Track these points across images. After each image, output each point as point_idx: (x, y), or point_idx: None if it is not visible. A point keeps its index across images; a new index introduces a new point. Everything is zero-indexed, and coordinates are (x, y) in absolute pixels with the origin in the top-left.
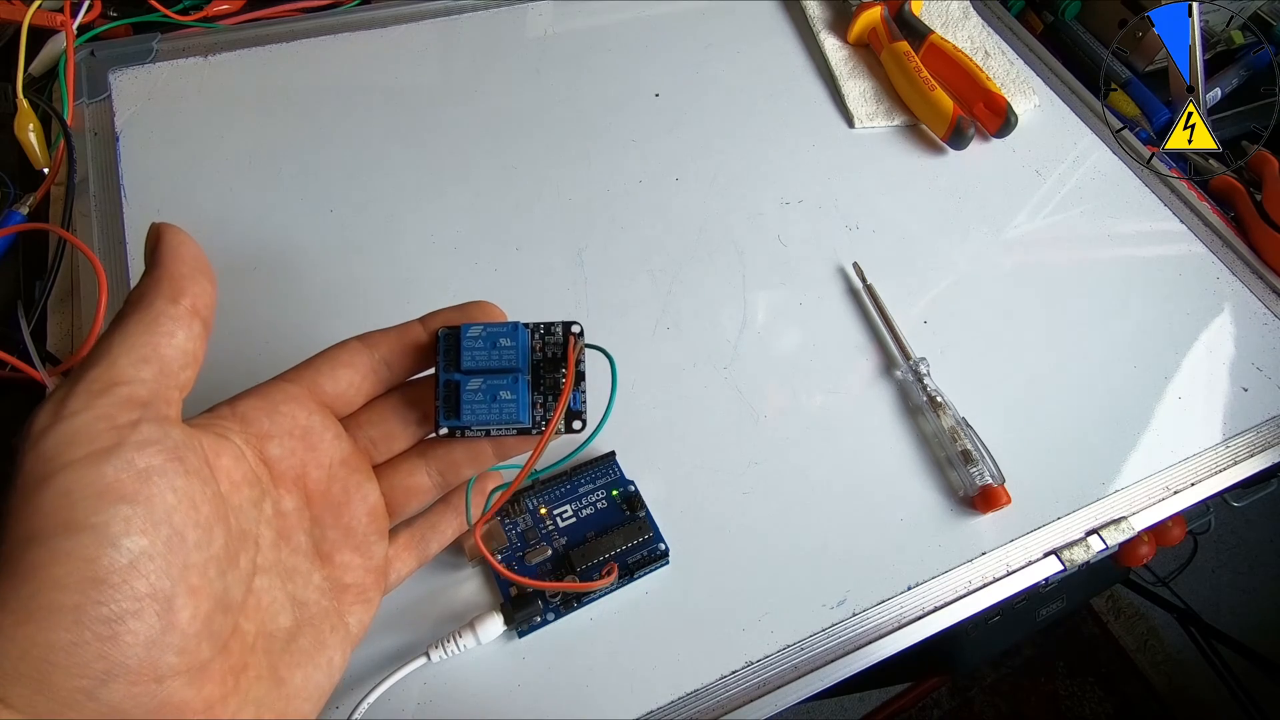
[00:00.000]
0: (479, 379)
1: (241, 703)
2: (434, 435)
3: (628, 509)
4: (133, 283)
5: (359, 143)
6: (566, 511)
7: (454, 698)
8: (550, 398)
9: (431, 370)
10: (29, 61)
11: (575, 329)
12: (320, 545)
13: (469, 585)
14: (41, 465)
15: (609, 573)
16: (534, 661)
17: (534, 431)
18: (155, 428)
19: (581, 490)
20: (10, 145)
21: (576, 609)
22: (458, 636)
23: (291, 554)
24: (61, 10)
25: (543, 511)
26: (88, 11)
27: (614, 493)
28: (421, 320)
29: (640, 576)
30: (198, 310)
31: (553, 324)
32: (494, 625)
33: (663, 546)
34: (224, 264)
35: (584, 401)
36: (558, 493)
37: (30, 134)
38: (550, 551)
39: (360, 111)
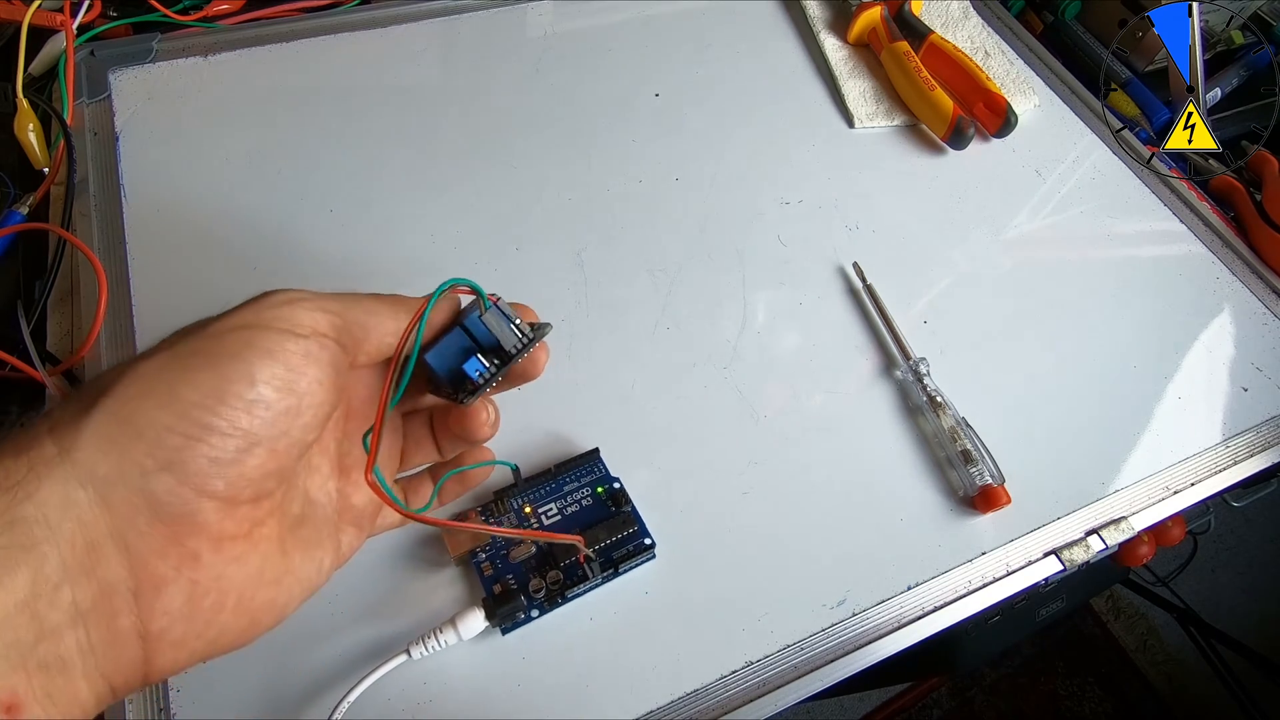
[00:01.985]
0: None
1: (250, 549)
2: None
3: (613, 505)
4: (133, 282)
5: (359, 143)
6: (551, 509)
7: (444, 696)
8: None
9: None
10: (29, 61)
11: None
12: (344, 459)
13: (452, 584)
14: (253, 317)
15: (582, 560)
16: (534, 661)
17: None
18: (336, 346)
19: (566, 488)
20: (10, 145)
21: (561, 604)
22: (438, 633)
23: (320, 454)
24: (61, 10)
25: (527, 510)
26: (88, 11)
27: (599, 489)
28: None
29: (627, 570)
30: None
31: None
32: (475, 621)
33: (648, 540)
34: (224, 264)
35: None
36: (542, 491)
37: (30, 134)
38: (534, 549)
39: (360, 111)
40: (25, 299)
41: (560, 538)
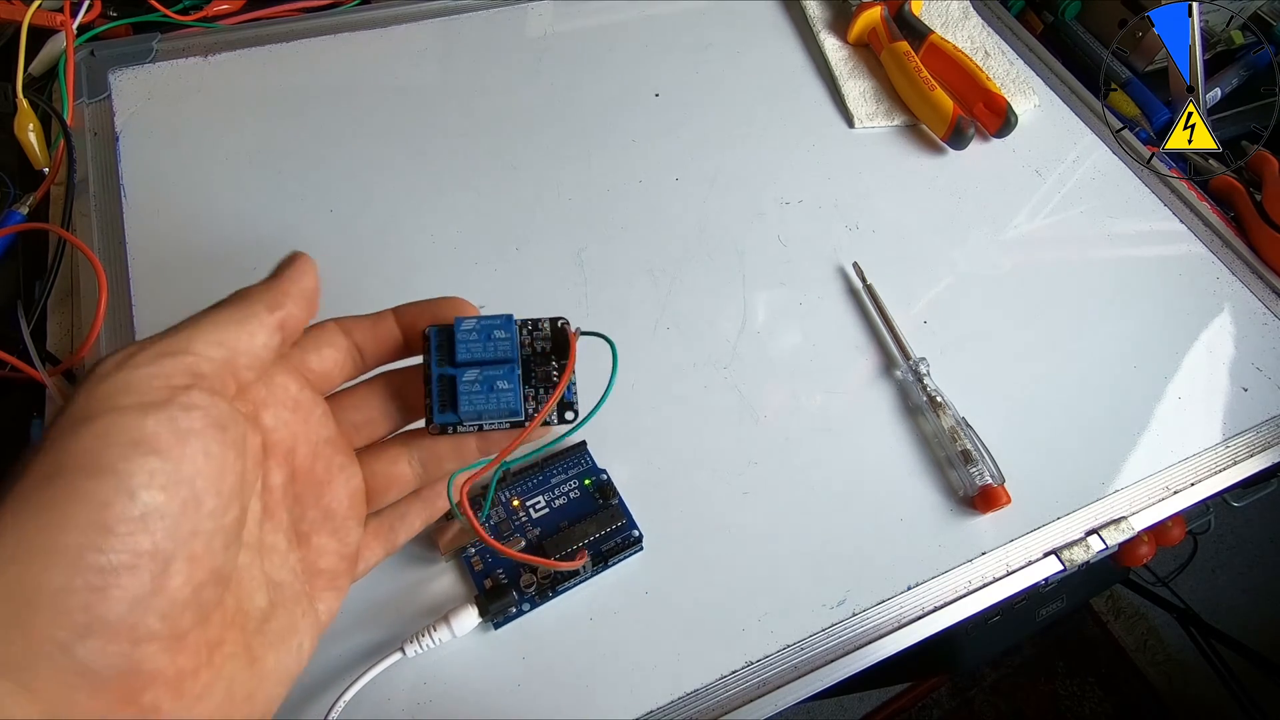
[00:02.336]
0: (475, 370)
1: (214, 677)
2: (425, 428)
3: (600, 497)
4: (133, 282)
5: (359, 143)
6: (539, 502)
7: (443, 696)
8: (541, 390)
9: (414, 360)
10: (29, 61)
11: (567, 324)
12: (299, 525)
13: (443, 579)
14: (90, 405)
15: (579, 558)
16: (534, 660)
17: (528, 424)
18: (205, 396)
19: (554, 481)
20: (10, 145)
21: (552, 598)
22: (432, 630)
23: (273, 531)
24: (61, 10)
25: (515, 504)
26: (88, 11)
27: (586, 482)
28: (393, 311)
29: (615, 564)
30: (285, 326)
31: (539, 320)
32: (469, 618)
33: (636, 532)
34: (224, 264)
35: (575, 393)
36: (530, 484)
37: (30, 134)
38: (524, 542)
39: (360, 111)
40: (25, 299)
41: (567, 565)
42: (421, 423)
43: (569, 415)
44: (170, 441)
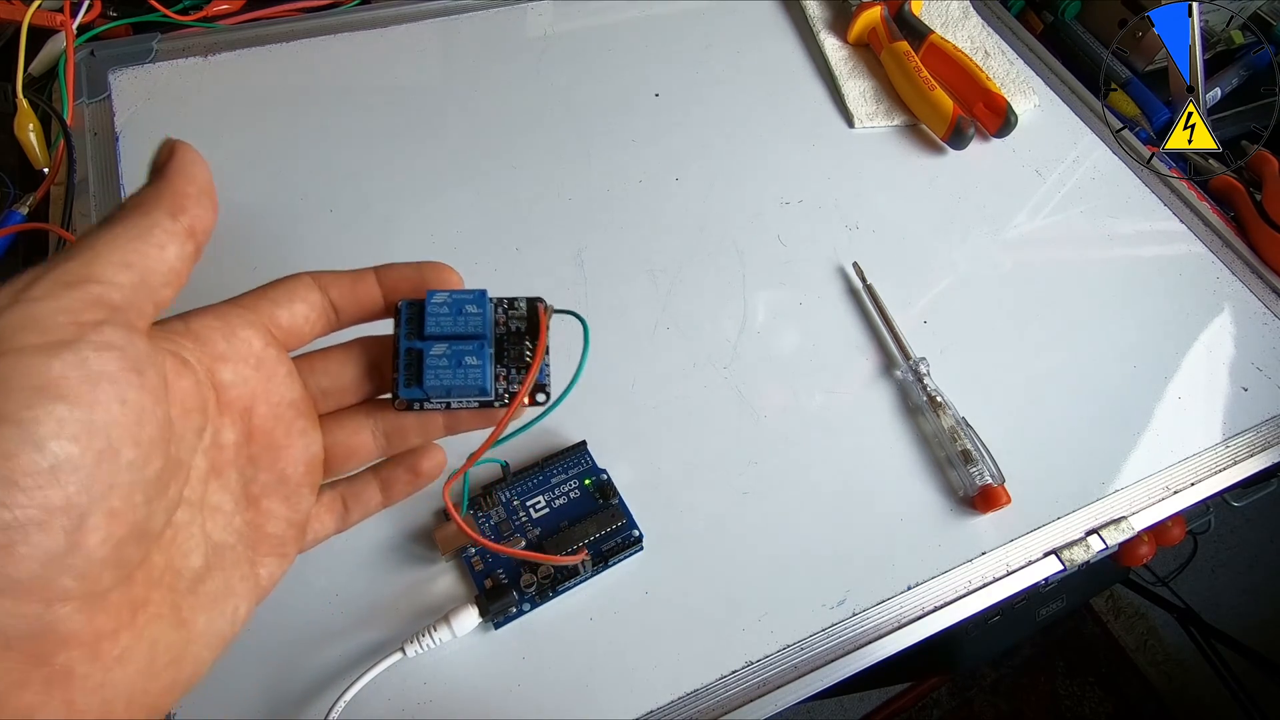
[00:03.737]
0: (444, 344)
1: (135, 639)
2: (394, 405)
3: (600, 497)
4: None
5: (359, 143)
6: (540, 502)
7: (443, 696)
8: (514, 370)
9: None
10: (29, 61)
11: (543, 302)
12: (249, 487)
13: (443, 579)
14: None
15: (579, 552)
16: (535, 660)
17: (496, 404)
18: (120, 333)
19: (554, 481)
20: (10, 145)
21: (552, 598)
22: (433, 630)
23: (219, 490)
24: (61, 10)
25: (515, 503)
26: (88, 11)
27: (586, 481)
28: (375, 270)
29: (616, 563)
30: (194, 232)
31: (516, 298)
32: (469, 618)
33: (637, 532)
34: (223, 264)
35: (549, 374)
36: (530, 484)
37: (30, 134)
38: (524, 542)
39: (360, 111)
40: None
41: (566, 560)
42: (388, 394)
43: (540, 397)
44: (81, 386)
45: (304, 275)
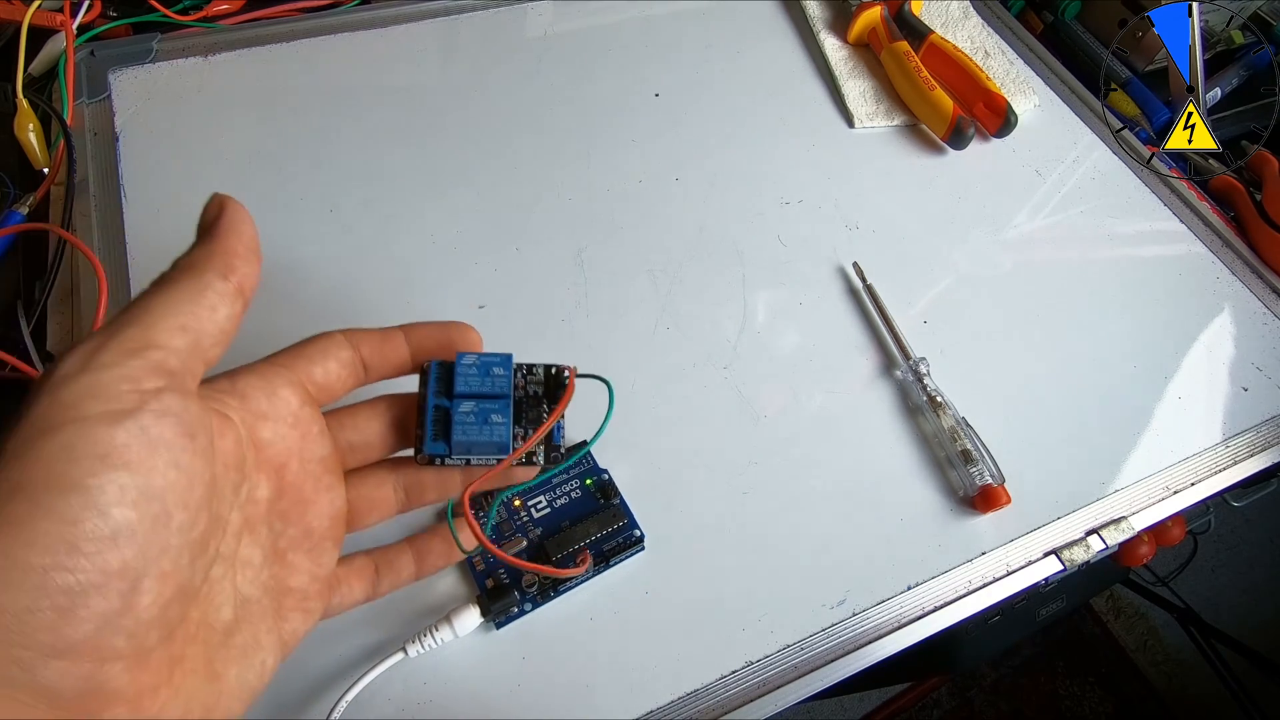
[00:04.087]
0: (471, 402)
1: (173, 694)
2: (413, 457)
3: (601, 497)
4: (133, 283)
5: (359, 143)
6: (541, 502)
7: (444, 696)
8: (530, 430)
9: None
10: (29, 61)
11: (571, 369)
12: (277, 541)
13: (445, 579)
14: (55, 412)
15: (583, 561)
16: (535, 660)
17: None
18: (177, 399)
19: (555, 481)
20: (10, 145)
21: (553, 598)
22: (434, 630)
23: (250, 545)
24: (61, 10)
25: (516, 503)
26: (88, 11)
27: (588, 481)
28: (403, 329)
29: (617, 563)
30: (243, 291)
31: (534, 365)
32: (470, 618)
33: (638, 532)
34: None
35: (563, 436)
36: (531, 483)
37: (30, 134)
38: (525, 543)
39: (360, 111)
40: (25, 299)
41: (571, 572)
42: (409, 450)
43: (553, 456)
44: (141, 454)
45: (336, 333)
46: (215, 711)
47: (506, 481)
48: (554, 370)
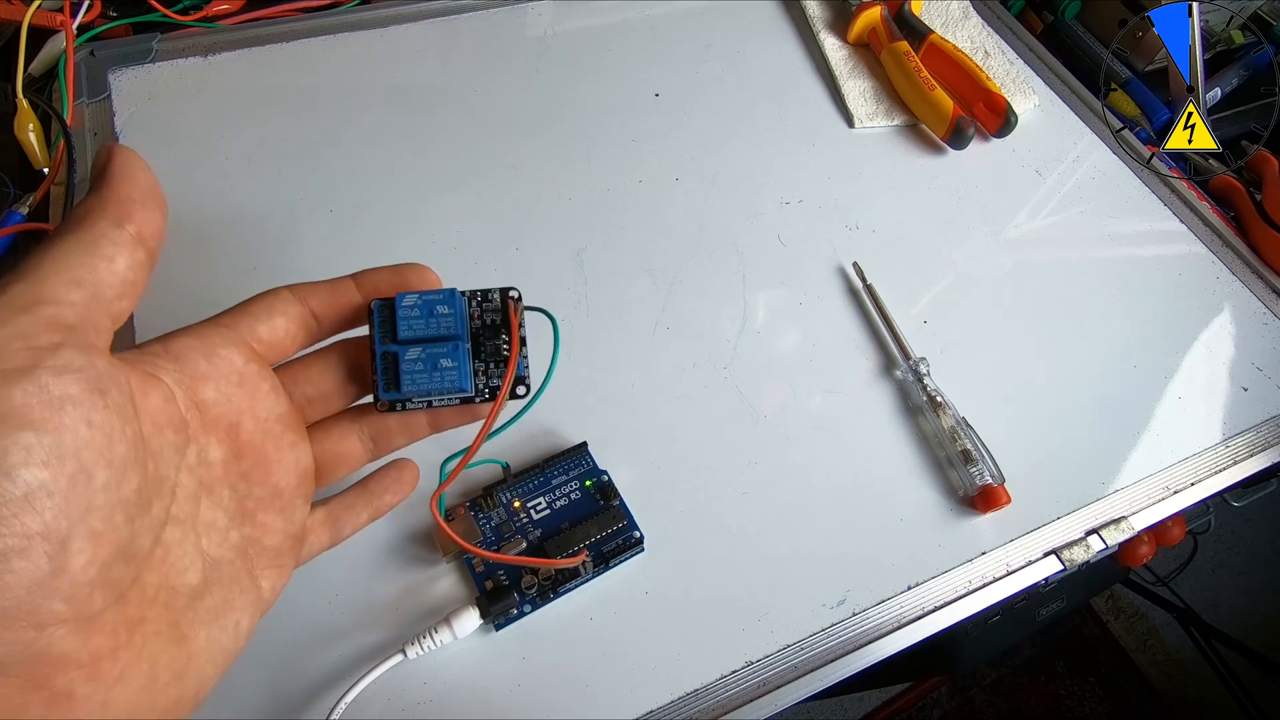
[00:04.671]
0: (418, 348)
1: (134, 658)
2: (376, 408)
3: (601, 498)
4: None
5: (359, 143)
6: (540, 504)
7: (443, 696)
8: (492, 364)
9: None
10: (29, 61)
11: (514, 294)
12: (244, 502)
13: (444, 581)
14: None
15: (578, 553)
16: (535, 660)
17: (478, 399)
18: (78, 354)
19: (555, 482)
20: (10, 145)
21: (553, 599)
22: (433, 632)
23: (211, 507)
24: (61, 10)
25: (516, 505)
26: (87, 11)
27: (587, 483)
28: (354, 277)
29: (617, 564)
30: (143, 238)
31: (489, 290)
32: (470, 619)
33: (638, 534)
34: (224, 264)
35: (527, 366)
36: (531, 485)
37: (30, 134)
38: (525, 544)
39: (360, 111)
40: None
41: (566, 562)
42: (371, 398)
43: (520, 390)
44: (44, 412)
45: (282, 289)
46: (186, 674)
47: (471, 419)
48: (510, 293)
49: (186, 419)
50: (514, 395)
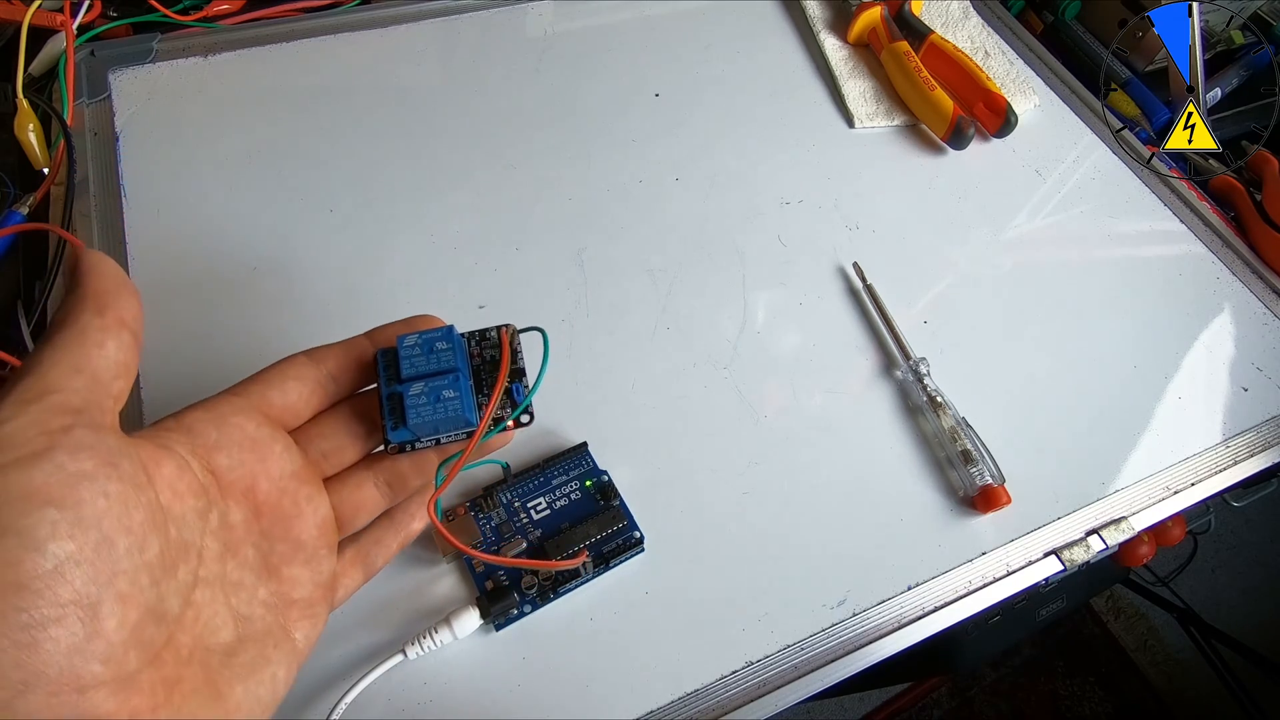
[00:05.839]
0: (421, 383)
1: (174, 715)
2: (383, 450)
3: (601, 499)
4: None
5: (359, 143)
6: (540, 504)
7: (443, 696)
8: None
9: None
10: (29, 61)
11: (507, 327)
12: (268, 559)
13: (444, 581)
14: None
15: (578, 555)
16: (535, 661)
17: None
18: (89, 433)
19: (555, 482)
20: (10, 145)
21: (553, 599)
22: (434, 632)
23: (238, 567)
24: (61, 10)
25: (516, 505)
26: (88, 11)
27: (587, 483)
28: (368, 335)
29: (617, 564)
30: (125, 322)
31: (487, 329)
32: (470, 619)
33: (638, 534)
34: (223, 264)
35: (526, 392)
36: (531, 485)
37: (30, 134)
38: (525, 544)
39: (360, 111)
40: (25, 299)
41: (566, 564)
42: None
43: (524, 419)
44: (63, 489)
45: (298, 355)
46: None
47: (484, 454)
48: (503, 330)
49: (204, 485)
50: (518, 424)
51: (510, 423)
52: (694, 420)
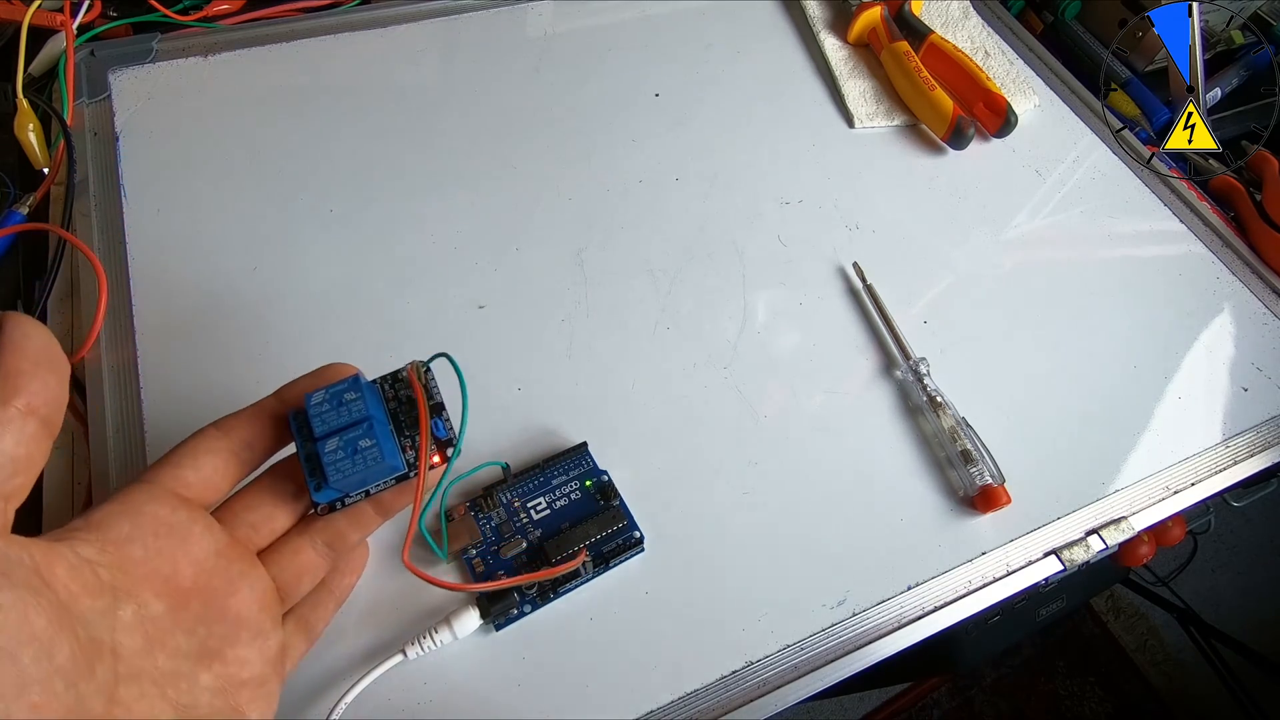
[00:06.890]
0: (335, 438)
1: None
2: (314, 512)
3: (601, 499)
4: (133, 282)
5: (359, 143)
6: (540, 504)
7: (443, 696)
8: (418, 438)
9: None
10: (29, 61)
11: (415, 363)
12: (207, 643)
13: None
14: None
15: (578, 553)
16: (535, 660)
17: (412, 474)
18: None
19: (554, 482)
20: (10, 145)
21: (553, 599)
22: (434, 632)
23: (169, 658)
24: (61, 10)
25: (516, 505)
26: (88, 11)
27: (587, 483)
28: (276, 395)
29: (617, 564)
30: (34, 409)
31: (398, 371)
32: (470, 620)
33: (638, 534)
34: (223, 264)
35: (449, 428)
36: (531, 485)
37: (30, 134)
38: (525, 544)
39: (360, 111)
40: (25, 299)
41: (565, 569)
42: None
43: (449, 452)
44: None
45: (207, 428)
46: None
47: (423, 493)
48: (408, 369)
49: (103, 582)
50: (445, 459)
51: (436, 458)
52: (694, 420)
